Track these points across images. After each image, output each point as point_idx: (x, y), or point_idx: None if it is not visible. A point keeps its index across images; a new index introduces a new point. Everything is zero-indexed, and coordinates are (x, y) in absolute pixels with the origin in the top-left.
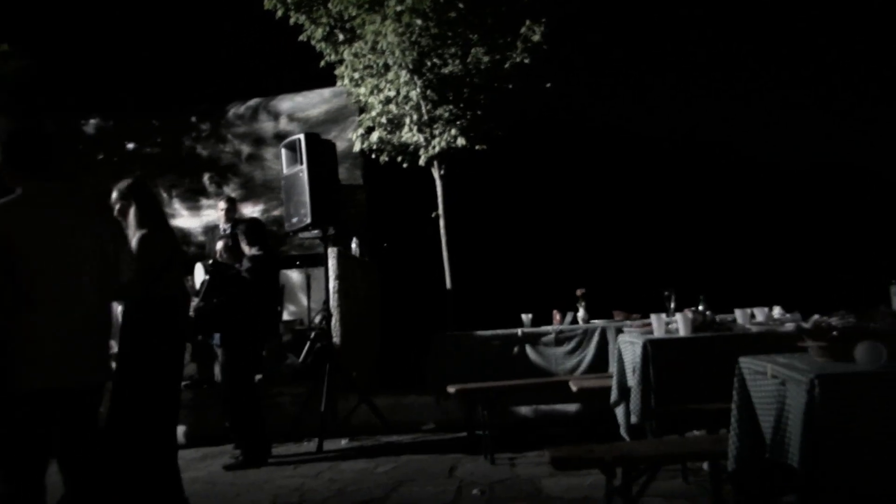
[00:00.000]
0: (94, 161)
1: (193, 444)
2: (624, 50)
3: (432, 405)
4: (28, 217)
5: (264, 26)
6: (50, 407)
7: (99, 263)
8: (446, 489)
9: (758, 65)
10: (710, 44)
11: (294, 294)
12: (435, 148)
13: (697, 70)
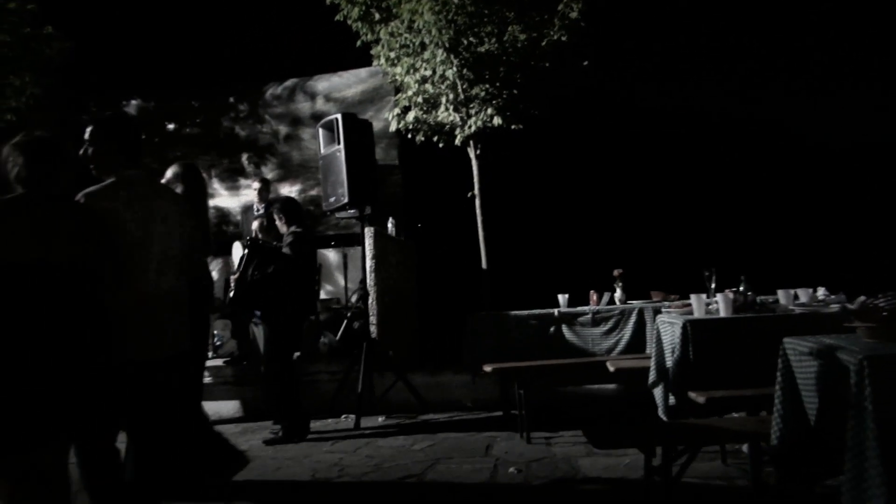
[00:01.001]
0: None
1: (234, 419)
2: (664, 26)
3: (468, 384)
4: (127, 199)
5: (301, 6)
6: (141, 377)
7: (180, 243)
8: (483, 467)
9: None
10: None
11: (331, 273)
12: (471, 127)
13: (739, 46)
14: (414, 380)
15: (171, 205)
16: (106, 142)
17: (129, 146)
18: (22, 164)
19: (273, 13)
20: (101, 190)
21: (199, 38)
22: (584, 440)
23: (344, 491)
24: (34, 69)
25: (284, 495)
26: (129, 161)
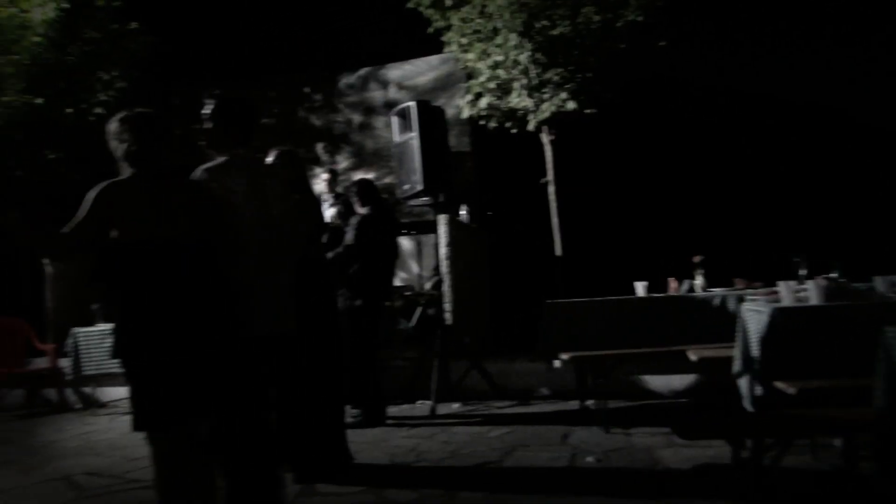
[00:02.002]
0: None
1: None
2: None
3: (543, 372)
4: (239, 177)
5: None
6: (264, 351)
7: (289, 222)
8: (560, 455)
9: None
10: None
11: (405, 261)
12: (544, 112)
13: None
14: (488, 367)
15: (281, 184)
16: (221, 121)
17: (242, 127)
18: (132, 140)
19: (347, 2)
20: (215, 168)
21: (276, 28)
22: (665, 431)
23: (424, 474)
24: (121, 64)
25: (367, 477)
26: (240, 141)
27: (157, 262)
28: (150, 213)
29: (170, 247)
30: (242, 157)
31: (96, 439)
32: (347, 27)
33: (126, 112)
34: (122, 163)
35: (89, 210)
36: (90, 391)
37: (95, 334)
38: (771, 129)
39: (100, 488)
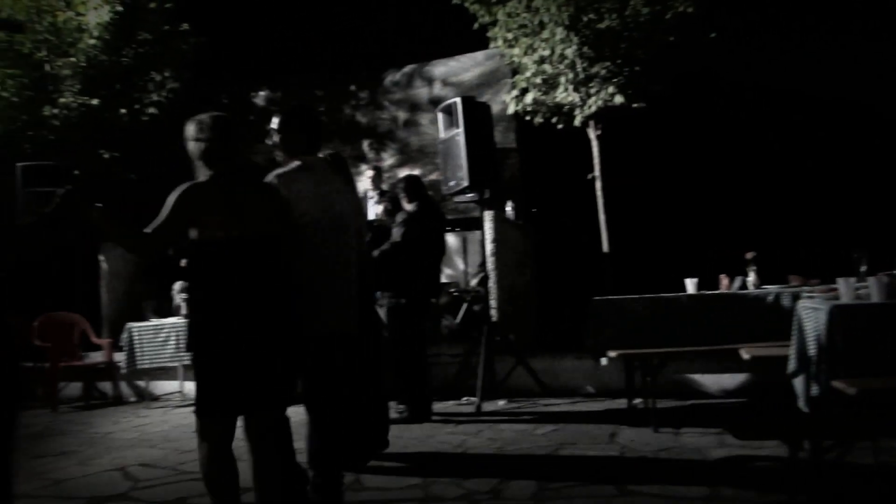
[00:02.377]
0: (262, 130)
1: None
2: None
3: (591, 370)
4: (309, 181)
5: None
6: (334, 348)
7: (355, 224)
8: (608, 454)
9: None
10: None
11: (450, 257)
12: (591, 107)
13: (877, 24)
14: (534, 364)
15: (346, 188)
16: (291, 130)
17: (309, 135)
18: (210, 141)
19: (392, 0)
20: (288, 173)
21: (322, 27)
22: (716, 431)
23: (470, 470)
24: (172, 64)
25: (413, 472)
26: (309, 148)
27: (232, 261)
28: (225, 214)
29: (243, 246)
30: (310, 162)
31: (150, 431)
32: (393, 25)
33: (204, 115)
34: (199, 163)
35: (172, 210)
36: (143, 384)
37: (148, 329)
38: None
39: (153, 479)
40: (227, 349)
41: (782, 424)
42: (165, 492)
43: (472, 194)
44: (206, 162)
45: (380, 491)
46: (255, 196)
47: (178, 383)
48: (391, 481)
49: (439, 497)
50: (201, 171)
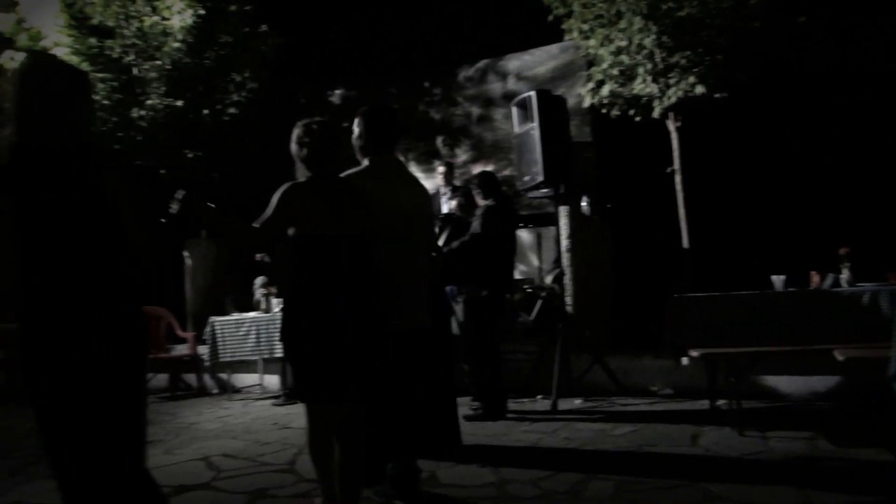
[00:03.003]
0: (339, 129)
1: None
2: None
3: (670, 369)
4: (381, 183)
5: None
6: (409, 343)
7: (427, 222)
8: (691, 456)
9: None
10: None
11: (524, 253)
12: (670, 98)
13: None
14: (611, 363)
15: (416, 187)
16: (361, 131)
17: (386, 134)
18: (315, 146)
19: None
20: (356, 173)
21: (395, 25)
22: (806, 435)
23: (546, 469)
24: (252, 65)
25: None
26: (380, 147)
27: (326, 258)
28: (322, 213)
29: (337, 243)
30: (381, 162)
31: (232, 423)
32: (466, 20)
33: (309, 120)
34: (300, 164)
35: (276, 208)
36: (226, 377)
37: (230, 323)
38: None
39: (235, 470)
40: (319, 341)
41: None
42: (246, 483)
43: (547, 189)
44: (307, 164)
45: (455, 487)
46: (348, 197)
47: (258, 376)
48: (466, 478)
49: (515, 496)
50: (301, 172)
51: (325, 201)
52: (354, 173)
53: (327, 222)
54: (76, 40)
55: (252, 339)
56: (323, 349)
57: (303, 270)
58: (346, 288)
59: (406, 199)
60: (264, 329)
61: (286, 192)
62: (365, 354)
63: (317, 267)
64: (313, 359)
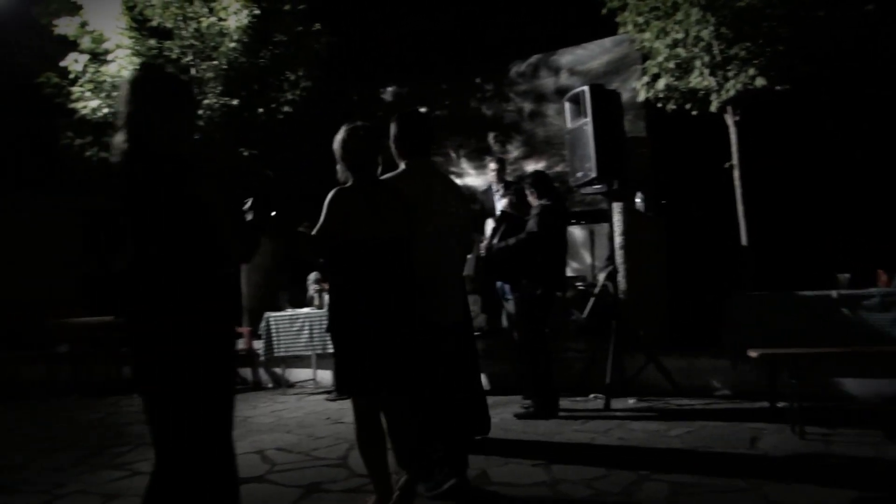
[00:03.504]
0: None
1: (484, 392)
2: None
3: (728, 370)
4: (418, 185)
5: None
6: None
7: (462, 222)
8: (749, 459)
9: None
10: None
11: (577, 250)
12: (729, 91)
13: None
14: (666, 362)
15: (452, 189)
16: (402, 135)
17: (420, 138)
18: (359, 150)
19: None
20: (397, 175)
21: (447, 21)
22: (873, 439)
23: (598, 469)
24: (305, 64)
25: (540, 469)
26: (416, 151)
27: (372, 258)
28: (366, 216)
29: (381, 245)
30: (417, 164)
31: (286, 417)
32: (517, 15)
33: (353, 124)
34: (345, 167)
35: (328, 214)
36: (280, 371)
37: (284, 319)
38: None
39: (289, 464)
40: (364, 335)
41: None
42: (300, 476)
43: (600, 185)
44: (350, 167)
45: (507, 486)
46: (390, 200)
47: (311, 371)
48: (518, 477)
49: (568, 496)
50: (342, 173)
51: (369, 205)
52: (393, 176)
53: (371, 225)
54: (136, 42)
55: (305, 335)
56: (365, 345)
57: (347, 272)
58: (388, 289)
59: (442, 200)
60: (317, 324)
61: (334, 198)
62: (404, 349)
63: (360, 269)
64: (356, 354)
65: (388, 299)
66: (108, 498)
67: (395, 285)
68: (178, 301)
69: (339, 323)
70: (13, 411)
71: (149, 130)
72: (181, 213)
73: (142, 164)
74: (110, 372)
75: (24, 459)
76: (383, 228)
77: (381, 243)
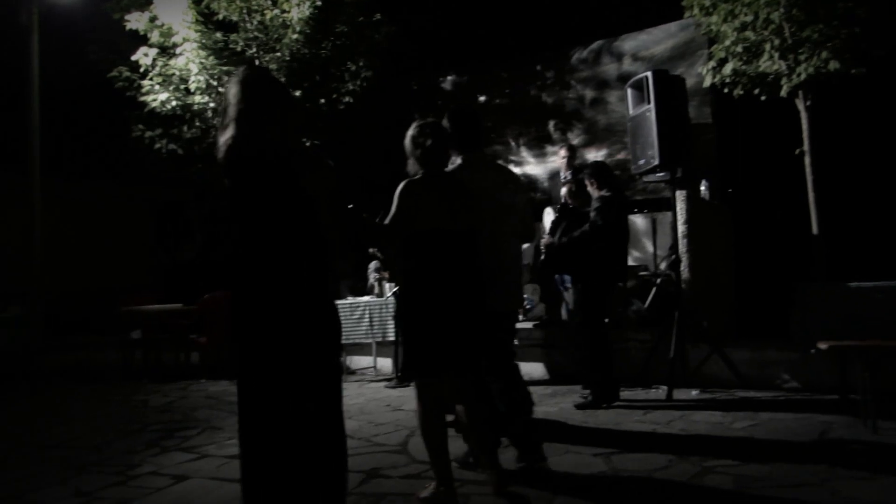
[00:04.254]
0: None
1: (541, 381)
2: None
3: (796, 362)
4: (476, 177)
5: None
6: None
7: (520, 212)
8: (817, 454)
9: None
10: None
11: (638, 240)
12: (800, 75)
13: None
14: (731, 354)
15: (510, 178)
16: (455, 131)
17: (468, 134)
18: (430, 145)
19: None
20: (456, 168)
21: (507, 10)
22: None
23: (660, 460)
24: (366, 54)
25: (599, 462)
26: (470, 145)
27: (442, 247)
28: (436, 207)
29: (450, 235)
30: (477, 157)
31: (348, 404)
32: (579, 1)
33: (422, 120)
34: (415, 161)
35: (399, 204)
36: (341, 359)
37: (345, 307)
38: None
39: (350, 449)
40: (433, 319)
41: None
42: (361, 462)
43: (663, 173)
44: (420, 162)
45: (567, 477)
46: (457, 193)
47: (371, 359)
48: (578, 467)
49: (629, 487)
50: (413, 167)
51: (438, 197)
52: (452, 170)
53: (440, 216)
54: (203, 35)
55: (366, 323)
56: (434, 329)
57: (418, 260)
58: (457, 276)
59: (498, 191)
60: (377, 313)
61: (404, 189)
62: (470, 333)
63: (431, 258)
64: (425, 337)
65: (456, 286)
66: (178, 479)
67: (464, 273)
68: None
69: (410, 308)
70: (90, 395)
71: (260, 127)
72: (292, 205)
73: (247, 158)
74: (179, 358)
75: (100, 441)
76: (452, 219)
77: (451, 233)
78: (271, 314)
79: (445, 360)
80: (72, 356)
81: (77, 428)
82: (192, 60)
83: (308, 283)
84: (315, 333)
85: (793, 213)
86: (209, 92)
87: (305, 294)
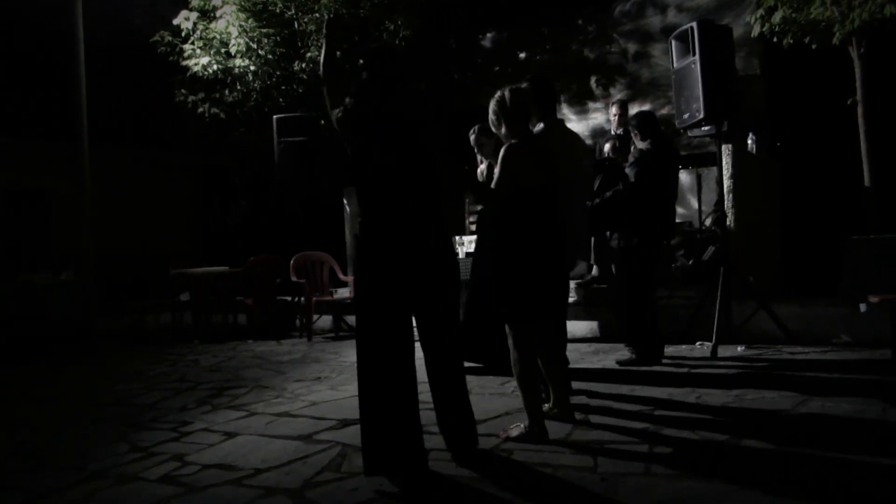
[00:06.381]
0: (490, 73)
1: (586, 339)
2: None
3: (846, 317)
4: (554, 141)
5: None
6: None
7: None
8: (868, 413)
9: None
10: None
11: (683, 195)
12: (854, 22)
13: None
14: (778, 310)
15: (579, 144)
16: (538, 98)
17: (547, 102)
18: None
19: None
20: (540, 133)
21: None
22: None
23: (702, 420)
24: (405, 13)
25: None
26: (549, 112)
27: (538, 203)
28: (533, 167)
29: (545, 192)
30: (552, 124)
31: None
32: None
33: (513, 87)
34: (505, 124)
35: (504, 169)
36: None
37: None
38: None
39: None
40: (537, 270)
41: None
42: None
43: (709, 127)
44: (510, 132)
45: (609, 430)
46: (546, 154)
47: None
48: (621, 422)
49: (670, 444)
50: (503, 131)
51: (534, 159)
52: (538, 134)
53: (536, 176)
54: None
55: None
56: (533, 278)
57: (518, 216)
58: (549, 230)
59: (572, 155)
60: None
61: (507, 152)
62: (560, 282)
63: (529, 213)
64: (524, 286)
65: (552, 238)
66: (229, 436)
67: (556, 227)
68: (406, 231)
69: (513, 259)
70: (143, 355)
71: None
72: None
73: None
74: (227, 319)
75: (153, 400)
76: (543, 177)
77: (544, 189)
78: (393, 255)
79: (546, 306)
80: (124, 319)
81: (132, 387)
82: (232, 23)
83: (437, 222)
84: (446, 267)
85: (843, 167)
86: (249, 55)
87: (435, 231)
